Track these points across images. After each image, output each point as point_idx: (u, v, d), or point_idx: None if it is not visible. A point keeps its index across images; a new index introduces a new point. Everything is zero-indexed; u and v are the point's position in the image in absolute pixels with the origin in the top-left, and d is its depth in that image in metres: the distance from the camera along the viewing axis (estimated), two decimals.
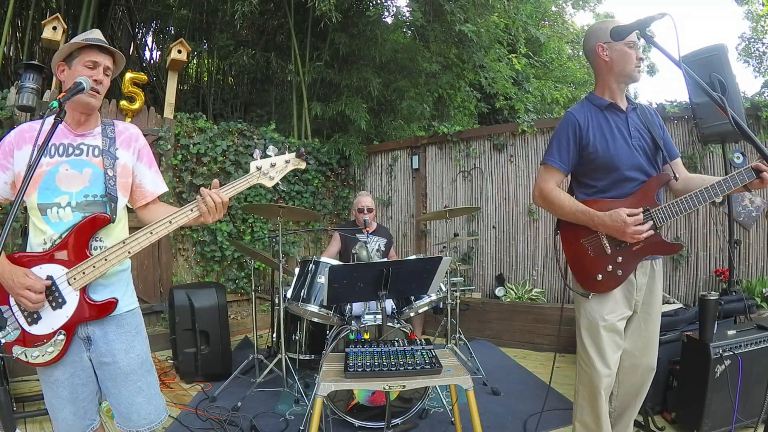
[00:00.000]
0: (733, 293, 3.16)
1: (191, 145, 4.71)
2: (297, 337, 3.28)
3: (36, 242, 1.43)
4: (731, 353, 2.21)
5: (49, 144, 1.38)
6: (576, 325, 1.91)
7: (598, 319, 1.77)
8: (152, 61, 8.07)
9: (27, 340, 1.38)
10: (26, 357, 1.38)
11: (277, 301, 3.36)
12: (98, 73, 1.46)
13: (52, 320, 1.39)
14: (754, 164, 1.55)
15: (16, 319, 1.38)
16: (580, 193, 1.86)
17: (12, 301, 1.38)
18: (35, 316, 1.38)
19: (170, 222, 1.46)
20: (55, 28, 3.70)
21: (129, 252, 1.42)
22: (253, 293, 3.48)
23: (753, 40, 12.37)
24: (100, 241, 1.47)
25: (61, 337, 1.39)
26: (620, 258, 1.74)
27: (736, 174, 1.57)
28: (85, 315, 1.41)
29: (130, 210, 1.62)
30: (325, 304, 2.78)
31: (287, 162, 1.58)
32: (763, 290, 3.49)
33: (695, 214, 4.02)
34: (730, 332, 2.35)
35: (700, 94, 3.13)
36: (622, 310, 1.80)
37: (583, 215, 1.75)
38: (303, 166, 1.64)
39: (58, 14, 3.84)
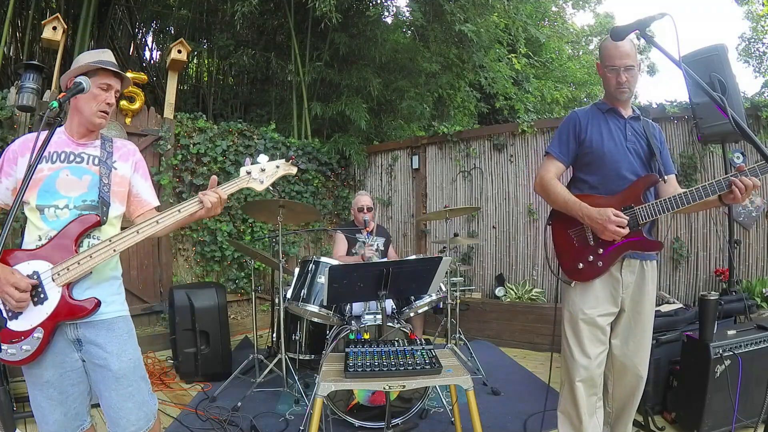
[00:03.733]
0: (733, 293, 3.16)
1: (191, 145, 4.71)
2: (297, 337, 3.28)
3: (30, 239, 1.45)
4: (731, 353, 2.21)
5: (51, 151, 1.47)
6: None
7: (578, 312, 1.89)
8: (152, 61, 8.07)
9: (6, 335, 1.34)
10: (2, 354, 1.34)
11: (277, 301, 3.36)
12: (110, 96, 1.52)
13: (32, 317, 1.36)
14: (727, 176, 1.67)
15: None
16: (574, 189, 1.98)
17: None
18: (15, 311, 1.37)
19: (156, 222, 1.49)
20: (55, 28, 3.70)
21: (114, 250, 1.43)
22: (253, 293, 3.48)
23: (753, 40, 12.37)
24: (96, 239, 1.49)
25: (38, 335, 1.36)
26: (601, 250, 1.85)
27: (707, 184, 1.70)
28: (65, 313, 1.39)
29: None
30: (325, 304, 2.78)
31: (277, 167, 1.65)
32: (763, 290, 3.49)
33: (695, 214, 4.02)
34: (730, 332, 2.35)
35: (700, 94, 3.13)
36: (605, 306, 1.88)
37: (573, 206, 1.86)
38: (293, 171, 1.71)
39: (58, 14, 3.84)
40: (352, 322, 2.64)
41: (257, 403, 2.85)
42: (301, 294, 2.88)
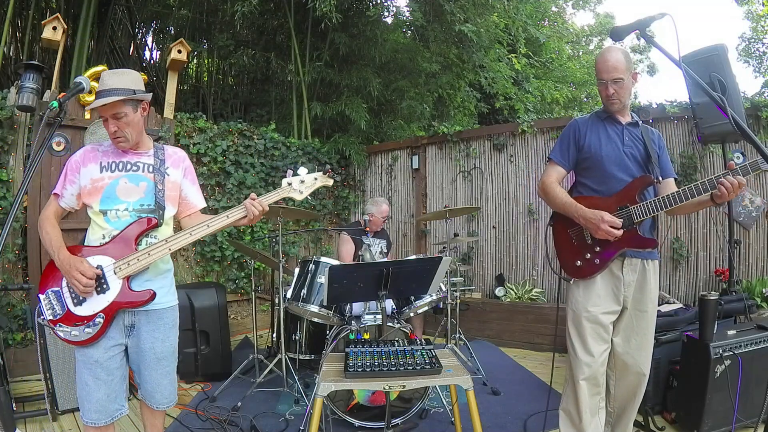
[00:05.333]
0: (733, 293, 3.16)
1: (191, 145, 4.71)
2: (297, 337, 3.28)
3: (94, 237, 1.65)
4: (731, 353, 2.21)
5: (110, 161, 1.68)
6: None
7: (581, 310, 1.95)
8: (152, 61, 8.08)
9: (70, 319, 1.56)
10: (67, 335, 1.55)
11: (277, 301, 3.36)
12: (110, 126, 1.62)
13: (95, 303, 1.57)
14: (718, 175, 1.70)
15: (64, 300, 1.58)
16: (576, 192, 2.07)
17: (63, 283, 1.58)
18: (81, 298, 1.57)
19: (207, 225, 1.68)
20: (55, 28, 3.70)
21: (170, 249, 1.64)
22: (253, 293, 3.48)
23: (753, 40, 12.34)
24: (154, 238, 1.68)
25: (100, 319, 1.57)
26: (598, 248, 1.93)
27: (699, 183, 1.75)
28: (124, 302, 1.59)
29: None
30: (325, 304, 2.78)
31: (315, 179, 1.83)
32: (763, 290, 3.49)
33: (695, 214, 4.02)
34: (730, 332, 2.35)
35: (700, 94, 3.13)
36: (607, 304, 1.93)
37: (570, 207, 1.96)
38: (330, 183, 1.88)
39: (58, 14, 3.83)
40: (352, 322, 2.64)
41: (257, 403, 2.85)
42: (301, 294, 2.88)
